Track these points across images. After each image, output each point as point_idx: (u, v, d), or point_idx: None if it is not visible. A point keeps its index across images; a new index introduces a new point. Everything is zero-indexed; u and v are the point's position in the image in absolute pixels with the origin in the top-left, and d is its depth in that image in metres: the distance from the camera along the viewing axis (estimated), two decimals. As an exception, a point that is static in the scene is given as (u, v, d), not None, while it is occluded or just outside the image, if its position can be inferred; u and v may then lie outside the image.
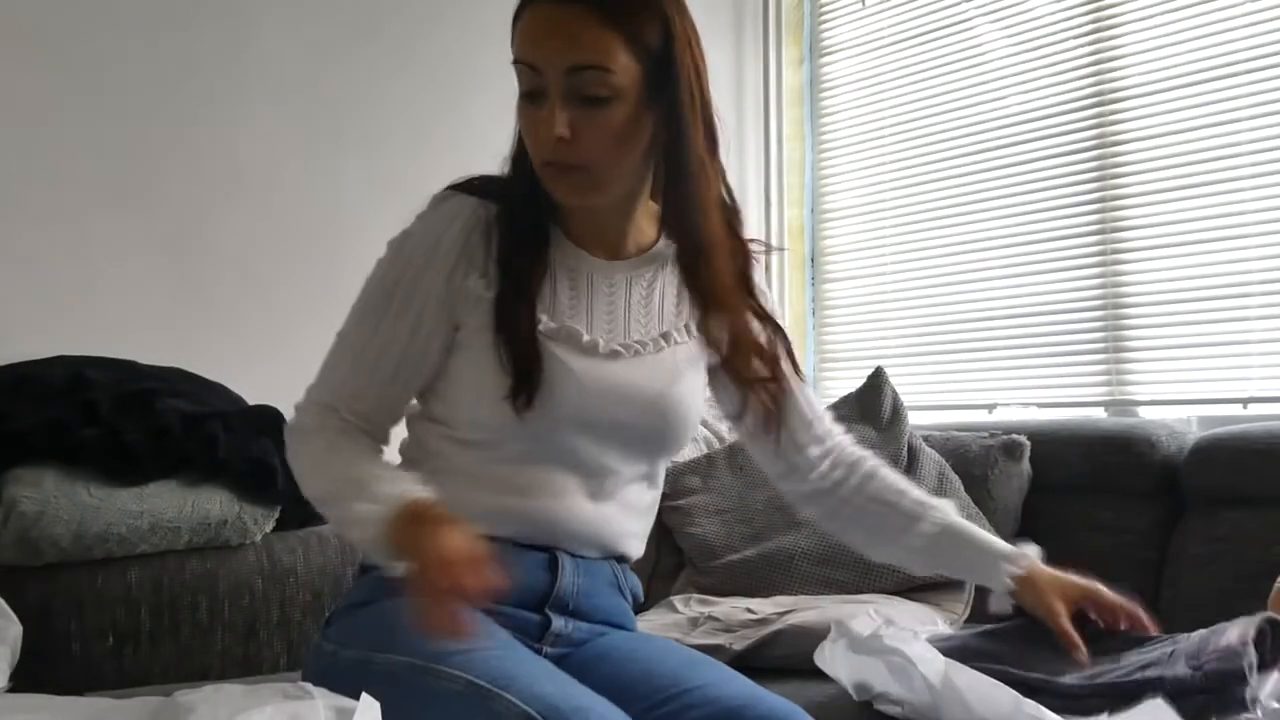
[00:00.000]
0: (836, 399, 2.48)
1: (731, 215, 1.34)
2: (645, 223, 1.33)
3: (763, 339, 1.38)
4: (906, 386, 2.49)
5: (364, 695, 0.99)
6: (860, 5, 3.02)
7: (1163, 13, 2.41)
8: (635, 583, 1.40)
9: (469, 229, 1.25)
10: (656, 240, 1.34)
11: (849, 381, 2.62)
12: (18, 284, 2.08)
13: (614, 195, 1.26)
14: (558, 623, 1.28)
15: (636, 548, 1.37)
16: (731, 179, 1.34)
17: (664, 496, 2.48)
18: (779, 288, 3.12)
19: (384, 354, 1.26)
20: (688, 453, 2.45)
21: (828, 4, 3.13)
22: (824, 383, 3.10)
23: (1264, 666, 1.37)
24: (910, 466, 2.23)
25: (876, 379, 2.41)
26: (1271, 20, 2.25)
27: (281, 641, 1.92)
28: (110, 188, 2.18)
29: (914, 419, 2.37)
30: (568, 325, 1.26)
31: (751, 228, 3.21)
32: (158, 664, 1.81)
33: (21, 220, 2.09)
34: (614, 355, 1.28)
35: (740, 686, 1.19)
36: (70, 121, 2.14)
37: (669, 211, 1.29)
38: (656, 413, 1.29)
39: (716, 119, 1.28)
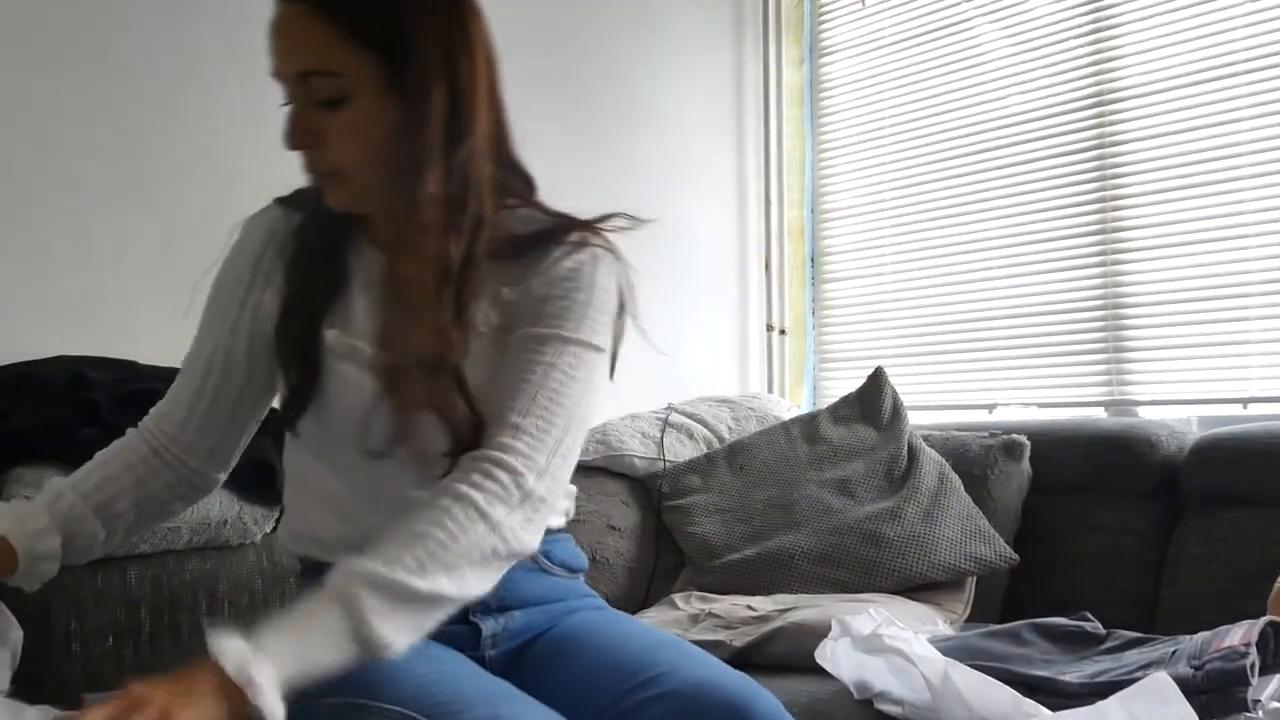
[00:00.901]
0: (837, 399, 2.48)
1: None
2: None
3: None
4: (906, 386, 2.49)
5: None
6: (860, 5, 3.02)
7: (1162, 13, 2.41)
8: (565, 551, 1.32)
9: (265, 244, 1.26)
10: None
11: (849, 381, 2.62)
12: (18, 284, 2.07)
13: (391, 195, 1.16)
14: (488, 624, 1.24)
15: None
16: (731, 179, 1.32)
17: (664, 496, 2.48)
18: (779, 288, 3.12)
19: (187, 374, 1.31)
20: (688, 452, 2.46)
21: (828, 4, 3.13)
22: (824, 383, 3.10)
23: (1266, 669, 1.38)
24: (910, 466, 2.23)
25: (876, 379, 2.42)
26: (1271, 20, 2.25)
27: (281, 641, 1.91)
28: (110, 188, 2.17)
29: (914, 419, 2.37)
30: (349, 341, 1.20)
31: (752, 227, 3.23)
32: (158, 664, 1.80)
33: (21, 220, 2.09)
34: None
35: (696, 669, 1.13)
36: (70, 121, 2.14)
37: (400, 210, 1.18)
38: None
39: (492, 104, 1.18)
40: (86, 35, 2.16)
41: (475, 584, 1.07)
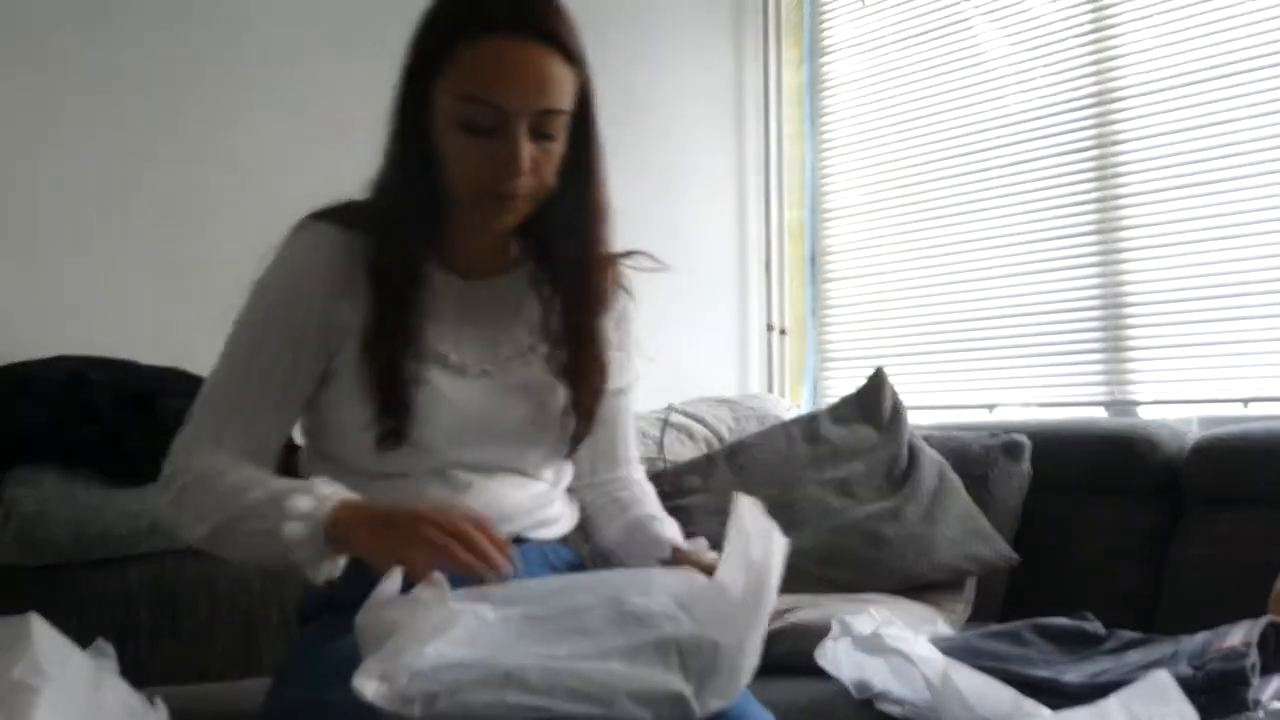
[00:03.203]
0: (837, 399, 2.48)
1: (611, 246, 1.33)
2: (509, 240, 1.33)
3: (600, 377, 1.35)
4: (906, 386, 2.49)
5: None
6: (860, 5, 3.02)
7: (1162, 13, 2.41)
8: (571, 555, 1.38)
9: (333, 255, 1.25)
10: (517, 257, 1.34)
11: (849, 381, 2.62)
12: (18, 284, 2.07)
13: (540, 214, 1.27)
14: None
15: (542, 525, 1.35)
16: (731, 179, 1.35)
17: (664, 496, 2.48)
18: (779, 288, 3.12)
19: (265, 385, 1.24)
20: (688, 452, 2.46)
21: (828, 4, 3.13)
22: (824, 383, 3.10)
23: (1266, 669, 1.38)
24: (910, 466, 2.23)
25: (877, 379, 2.42)
26: (1271, 20, 2.25)
27: (281, 642, 1.91)
28: (110, 187, 2.17)
29: (914, 419, 2.37)
30: (437, 349, 1.25)
31: (752, 227, 3.24)
32: (158, 664, 1.81)
33: (21, 220, 2.09)
34: (483, 374, 1.28)
35: None
36: (70, 121, 2.14)
37: (553, 234, 1.28)
38: (530, 427, 1.30)
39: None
40: (86, 35, 2.16)
41: None
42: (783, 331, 3.11)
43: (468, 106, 1.16)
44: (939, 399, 2.79)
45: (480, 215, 1.23)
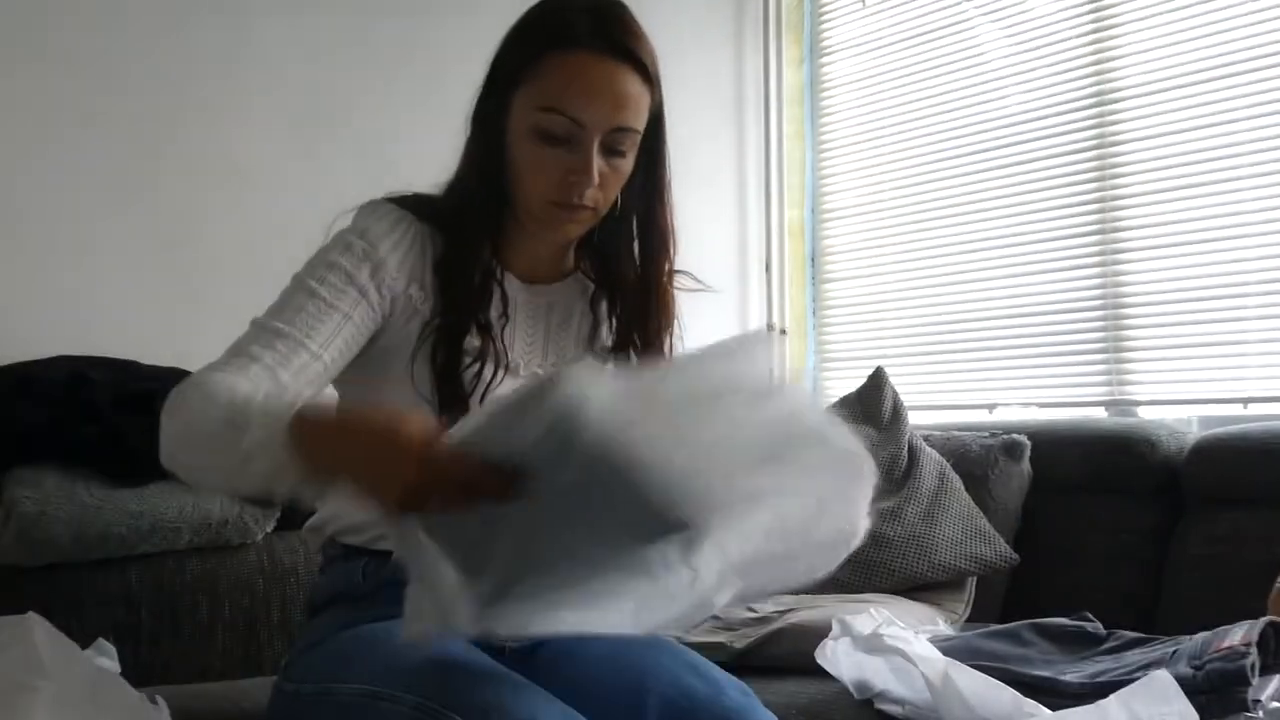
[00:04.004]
0: (837, 399, 2.48)
1: (671, 263, 1.37)
2: (568, 250, 1.35)
3: None
4: (907, 386, 2.49)
5: None
6: (860, 5, 3.02)
7: (1162, 13, 2.41)
8: None
9: (409, 237, 1.25)
10: (575, 266, 1.36)
11: (849, 381, 2.62)
12: (18, 284, 2.07)
13: (605, 229, 1.31)
14: None
15: None
16: (731, 179, 1.36)
17: (664, 496, 2.46)
18: (779, 288, 3.12)
19: (316, 327, 1.16)
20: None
21: (828, 4, 3.13)
22: (824, 383, 3.10)
23: (1266, 669, 1.38)
24: (910, 466, 2.23)
25: (877, 379, 2.42)
26: (1271, 20, 2.25)
27: (282, 641, 1.91)
28: (110, 188, 2.17)
29: (914, 419, 2.37)
30: (494, 346, 1.26)
31: (752, 227, 3.23)
32: (158, 664, 1.81)
33: (21, 220, 2.09)
34: (534, 377, 1.28)
35: (690, 684, 1.14)
36: (70, 121, 2.14)
37: (616, 252, 1.32)
38: None
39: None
40: (86, 36, 2.16)
41: None
42: (783, 331, 3.11)
43: (546, 116, 1.19)
44: (939, 399, 2.79)
45: (545, 225, 1.25)
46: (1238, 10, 2.29)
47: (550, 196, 1.22)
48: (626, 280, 1.33)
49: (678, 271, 1.39)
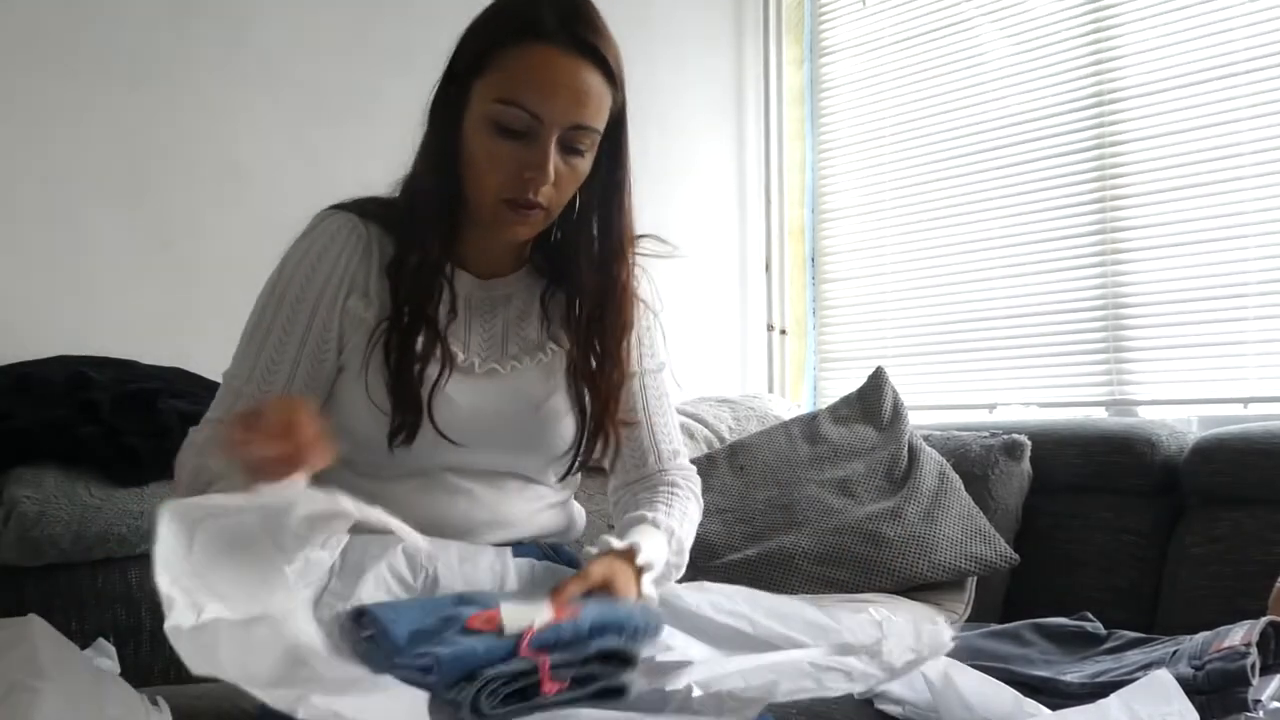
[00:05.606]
0: (837, 399, 2.48)
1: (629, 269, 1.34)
2: (524, 244, 1.34)
3: (620, 390, 1.35)
4: (907, 386, 2.49)
5: None
6: (860, 5, 3.02)
7: (1162, 13, 2.41)
8: (576, 559, 1.37)
9: (349, 247, 1.25)
10: (528, 259, 1.35)
11: (849, 381, 2.62)
12: (18, 284, 2.07)
13: (563, 227, 1.30)
14: None
15: (539, 526, 1.35)
16: (731, 179, 1.36)
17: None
18: (779, 288, 3.12)
19: (275, 369, 1.24)
20: (689, 452, 2.45)
21: (828, 4, 3.13)
22: (824, 383, 3.10)
23: (1266, 669, 1.38)
24: (910, 466, 2.23)
25: (877, 379, 2.42)
26: (1271, 20, 2.25)
27: (282, 641, 1.91)
28: (110, 188, 2.17)
29: (914, 419, 2.37)
30: (441, 344, 1.25)
31: (752, 227, 3.23)
32: (158, 664, 1.81)
33: (21, 220, 2.09)
34: (490, 374, 1.28)
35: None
36: (69, 121, 2.14)
37: (573, 253, 1.30)
38: (534, 426, 1.30)
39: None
40: (86, 35, 2.16)
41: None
42: (783, 331, 3.11)
43: (504, 109, 1.17)
44: (939, 399, 2.79)
45: (494, 225, 1.24)
46: (1238, 10, 2.29)
47: (504, 193, 1.20)
48: (586, 285, 1.31)
49: (643, 236, 1.35)
